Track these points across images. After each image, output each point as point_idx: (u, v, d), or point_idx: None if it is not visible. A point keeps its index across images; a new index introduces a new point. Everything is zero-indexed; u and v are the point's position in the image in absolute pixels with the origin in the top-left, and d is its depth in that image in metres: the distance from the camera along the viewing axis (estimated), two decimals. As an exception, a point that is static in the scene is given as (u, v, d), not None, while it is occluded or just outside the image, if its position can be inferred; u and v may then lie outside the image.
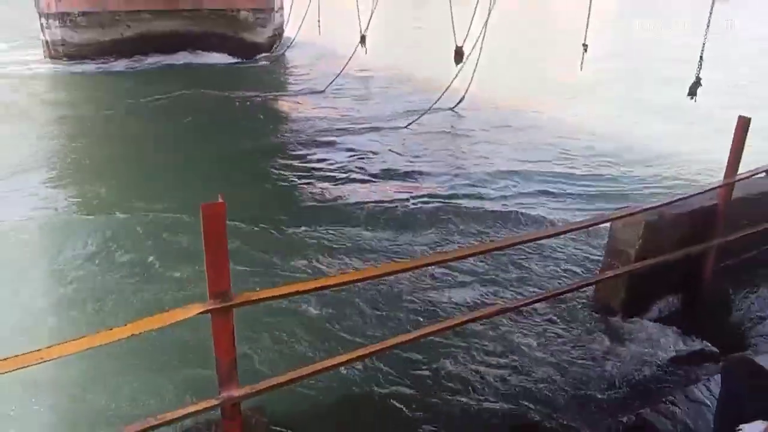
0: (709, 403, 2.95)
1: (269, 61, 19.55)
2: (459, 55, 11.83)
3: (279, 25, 20.96)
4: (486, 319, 4.20)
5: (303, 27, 19.03)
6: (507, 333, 4.50)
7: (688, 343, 4.28)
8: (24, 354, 1.97)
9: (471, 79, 12.18)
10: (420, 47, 24.14)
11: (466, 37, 11.52)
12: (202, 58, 18.76)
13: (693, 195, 4.32)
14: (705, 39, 6.71)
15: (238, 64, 18.89)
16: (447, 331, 3.46)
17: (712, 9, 6.78)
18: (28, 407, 3.74)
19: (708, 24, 6.71)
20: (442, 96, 12.19)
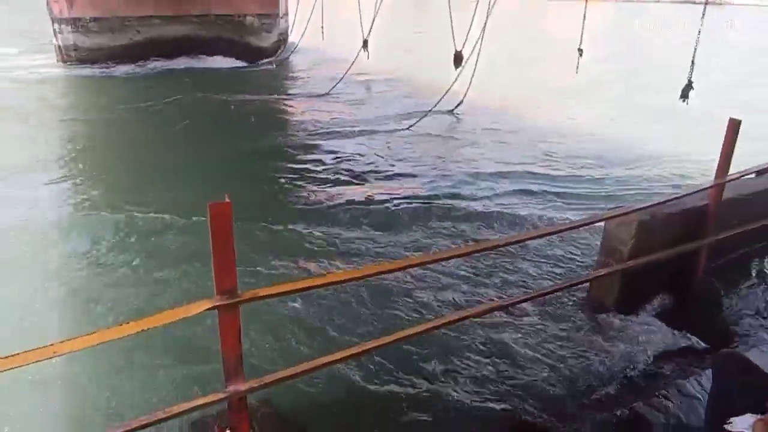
0: (701, 397, 2.95)
1: (274, 65, 19.58)
2: (458, 59, 11.84)
3: (284, 31, 20.98)
4: (481, 317, 4.22)
5: (307, 32, 19.05)
6: (502, 330, 4.48)
7: (679, 339, 4.29)
8: (37, 349, 1.98)
9: (470, 83, 12.17)
10: (420, 52, 24.13)
11: (465, 42, 11.53)
12: (209, 62, 18.78)
13: (685, 195, 4.33)
14: (696, 43, 6.72)
15: (244, 68, 18.91)
16: (444, 327, 3.46)
17: (704, 14, 6.80)
18: (38, 401, 3.75)
19: (699, 30, 6.72)
20: (441, 99, 12.20)
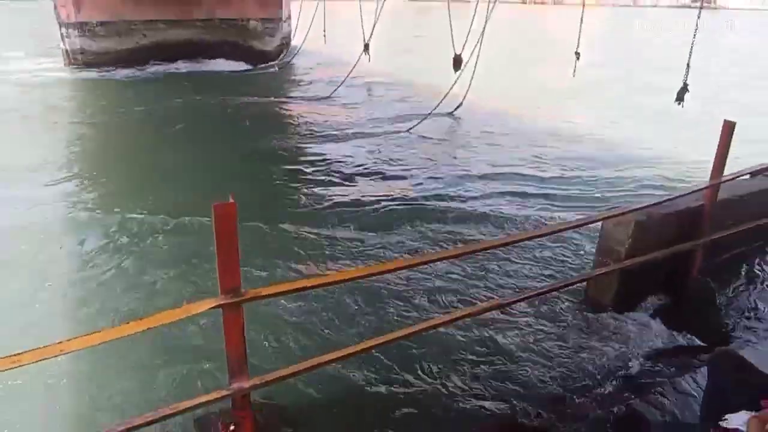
0: (696, 395, 2.94)
1: (277, 69, 19.60)
2: (457, 63, 11.87)
3: (287, 35, 21.01)
4: (479, 316, 4.20)
5: (309, 36, 19.05)
6: (500, 330, 4.46)
7: (675, 338, 4.28)
8: (45, 347, 1.97)
9: (469, 86, 12.18)
10: (420, 55, 24.16)
11: (464, 46, 11.55)
12: (213, 65, 18.84)
13: (680, 196, 4.31)
14: (692, 47, 6.72)
15: (248, 71, 18.95)
16: (443, 326, 3.44)
17: (698, 18, 6.80)
18: (41, 399, 3.74)
19: (695, 33, 6.73)
20: (441, 102, 12.21)
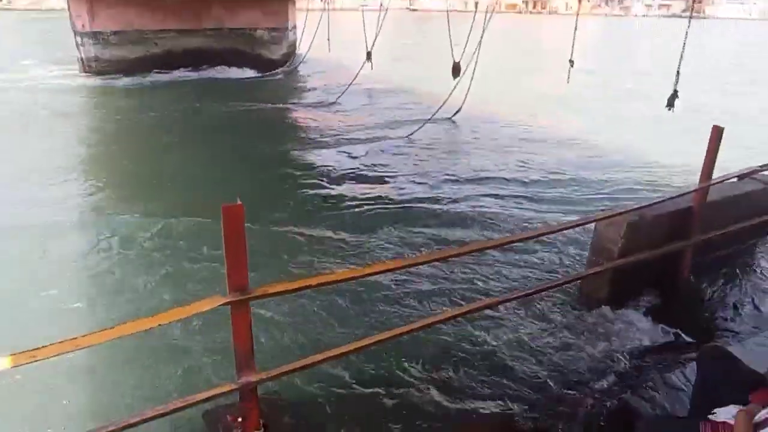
0: (686, 389, 2.93)
1: (283, 76, 19.65)
2: (456, 70, 11.91)
3: (292, 43, 21.06)
4: (475, 314, 4.19)
5: (314, 44, 19.13)
6: (496, 326, 4.45)
7: (666, 333, 4.27)
8: (61, 342, 1.98)
9: (467, 91, 12.19)
10: (421, 63, 24.18)
11: (462, 53, 11.57)
12: (222, 72, 18.88)
13: (671, 198, 4.31)
14: (681, 55, 6.72)
15: (255, 78, 18.98)
16: (443, 323, 3.44)
17: (689, 27, 6.80)
18: (59, 392, 3.75)
19: (684, 42, 6.72)
20: (441, 107, 12.22)
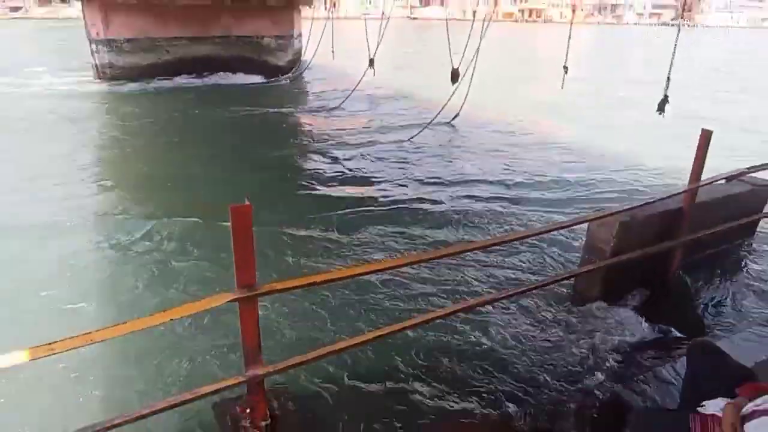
0: (676, 382, 2.93)
1: (289, 82, 19.66)
2: (455, 76, 11.91)
3: (298, 50, 21.08)
4: (472, 311, 4.20)
5: (318, 52, 19.12)
6: (492, 323, 4.45)
7: (656, 329, 4.27)
8: (76, 336, 1.98)
9: (465, 97, 12.18)
10: (421, 69, 24.19)
11: (461, 60, 11.57)
12: (230, 78, 18.92)
13: (662, 199, 4.30)
14: (672, 62, 6.71)
15: (261, 84, 19.00)
16: (441, 319, 3.41)
17: (678, 35, 6.78)
18: (73, 383, 3.75)
19: (674, 49, 6.71)
20: (440, 112, 12.22)
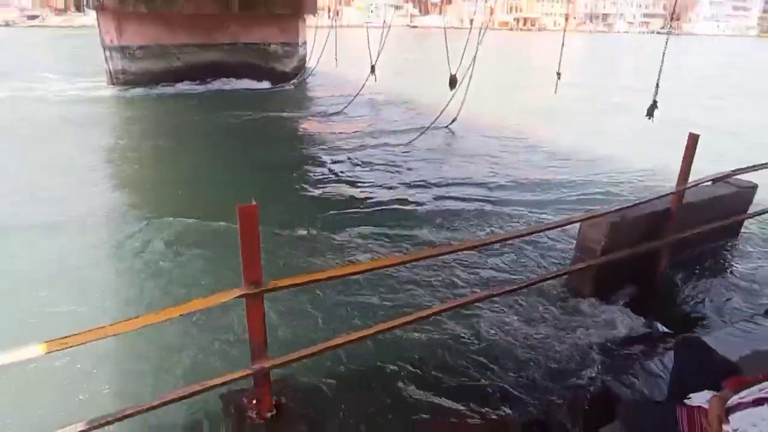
0: (664, 376, 2.93)
1: (294, 87, 19.68)
2: (453, 82, 11.90)
3: (302, 57, 21.08)
4: (468, 307, 4.19)
5: (322, 59, 19.16)
6: (486, 318, 4.44)
7: (645, 325, 4.27)
8: (90, 330, 1.98)
9: (463, 102, 12.17)
10: (420, 76, 24.17)
11: (458, 67, 11.56)
12: (237, 84, 18.92)
13: (650, 200, 4.30)
14: (660, 68, 6.72)
15: (267, 89, 19.01)
16: (439, 314, 3.42)
17: (667, 43, 6.79)
18: (85, 377, 3.76)
19: (663, 56, 6.71)
20: (438, 117, 12.22)
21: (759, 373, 1.93)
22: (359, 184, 8.58)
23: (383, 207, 7.45)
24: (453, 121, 12.78)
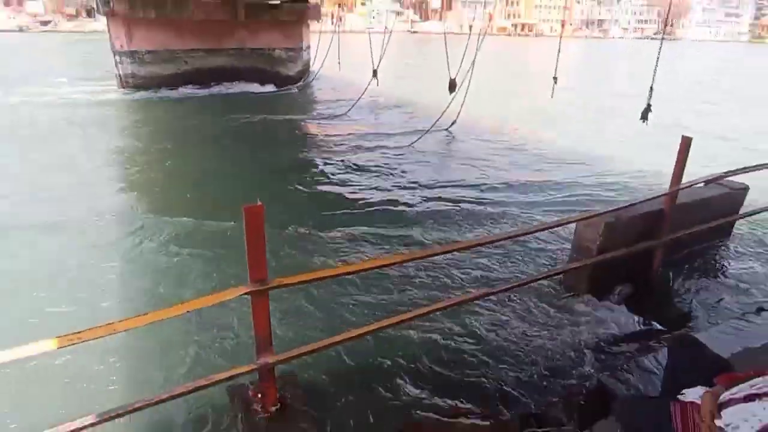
0: (658, 372, 2.92)
1: (298, 90, 19.70)
2: (452, 86, 11.90)
3: (306, 62, 21.11)
4: (466, 305, 4.18)
5: (325, 63, 19.17)
6: (483, 316, 4.43)
7: (639, 323, 4.26)
8: (101, 326, 1.99)
9: (462, 105, 12.17)
10: (421, 80, 24.16)
11: (458, 71, 11.56)
12: (243, 87, 18.95)
13: (644, 201, 4.30)
14: (654, 72, 6.71)
15: (272, 92, 19.02)
16: (438, 312, 3.41)
17: (660, 48, 6.78)
18: (98, 370, 3.76)
19: (657, 61, 6.71)
20: (438, 119, 12.21)
21: (750, 370, 1.92)
22: (361, 183, 8.56)
23: (383, 207, 7.43)
24: (453, 124, 12.78)
